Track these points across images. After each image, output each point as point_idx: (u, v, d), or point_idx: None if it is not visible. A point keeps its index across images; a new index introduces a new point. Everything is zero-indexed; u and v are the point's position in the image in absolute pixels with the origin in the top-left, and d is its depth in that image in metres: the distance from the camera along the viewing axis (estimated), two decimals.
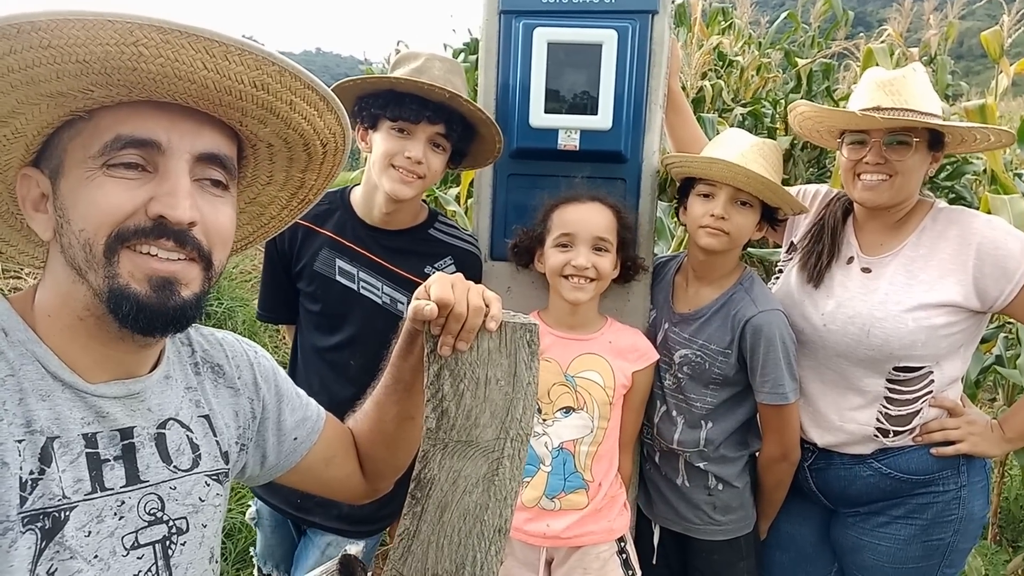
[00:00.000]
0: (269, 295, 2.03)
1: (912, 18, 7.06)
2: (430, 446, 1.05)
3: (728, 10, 7.33)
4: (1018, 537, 3.46)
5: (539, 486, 1.79)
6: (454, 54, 6.72)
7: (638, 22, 1.89)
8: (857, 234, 1.86)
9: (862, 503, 1.83)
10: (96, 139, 0.82)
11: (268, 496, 1.96)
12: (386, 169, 1.73)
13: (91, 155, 0.82)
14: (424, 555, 1.07)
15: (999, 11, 3.84)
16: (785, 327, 1.79)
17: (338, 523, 1.89)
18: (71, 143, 0.83)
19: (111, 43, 0.74)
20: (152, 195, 0.83)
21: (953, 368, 1.75)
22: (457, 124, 1.75)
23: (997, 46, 3.46)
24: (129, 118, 0.82)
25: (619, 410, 1.83)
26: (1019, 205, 2.84)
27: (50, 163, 0.86)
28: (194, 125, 0.86)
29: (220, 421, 1.06)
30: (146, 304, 0.84)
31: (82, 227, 0.82)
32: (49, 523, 0.82)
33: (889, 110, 1.69)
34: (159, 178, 0.83)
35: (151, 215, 0.83)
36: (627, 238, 1.83)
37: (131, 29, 0.74)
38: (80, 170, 0.83)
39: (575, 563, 1.81)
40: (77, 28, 0.72)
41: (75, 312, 0.87)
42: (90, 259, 0.83)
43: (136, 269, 0.83)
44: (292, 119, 0.91)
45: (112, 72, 0.77)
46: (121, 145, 0.82)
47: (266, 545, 2.05)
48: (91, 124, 0.82)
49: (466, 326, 1.01)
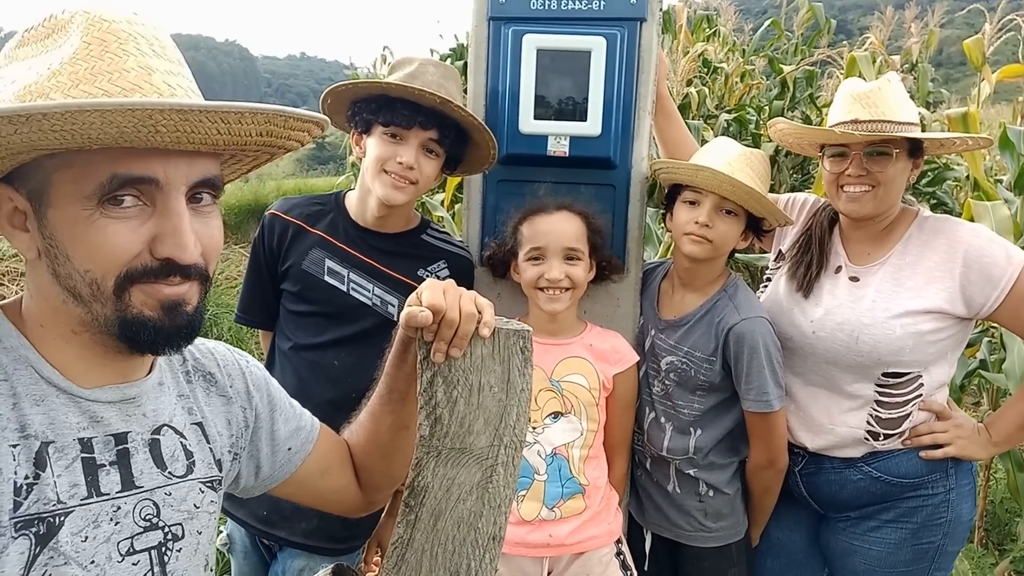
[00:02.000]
0: (250, 297, 1.99)
1: (893, 26, 7.16)
2: (424, 453, 1.05)
3: (713, 17, 7.41)
4: (1004, 540, 3.49)
5: (537, 497, 1.78)
6: (441, 60, 6.73)
7: (626, 29, 1.89)
8: (844, 244, 1.87)
9: (852, 507, 1.84)
10: (90, 177, 0.79)
11: (234, 510, 1.89)
12: (379, 174, 1.73)
13: (87, 194, 0.79)
14: (418, 563, 1.06)
15: (978, 20, 3.89)
16: (769, 334, 1.79)
17: (303, 538, 1.83)
18: (56, 173, 0.80)
19: (128, 126, 0.74)
20: (154, 234, 0.82)
21: (941, 373, 1.77)
22: (450, 130, 1.75)
23: (979, 54, 3.50)
24: (124, 157, 0.79)
25: (604, 412, 1.83)
26: (1001, 211, 2.89)
27: (28, 184, 0.82)
28: (186, 157, 0.84)
29: (213, 429, 1.05)
30: (161, 328, 0.85)
31: (87, 268, 0.81)
32: (44, 528, 0.81)
33: (867, 123, 1.71)
34: (159, 215, 0.83)
35: (158, 256, 0.83)
36: (598, 241, 1.82)
37: (150, 114, 0.73)
38: (75, 207, 0.80)
39: (577, 569, 1.80)
40: (94, 116, 0.71)
41: (68, 326, 0.86)
42: (97, 294, 0.82)
43: (148, 299, 0.84)
44: (287, 144, 0.92)
45: (122, 143, 0.76)
46: (119, 184, 0.80)
47: (239, 573, 2.00)
48: (80, 158, 0.79)
49: (459, 332, 1.00)
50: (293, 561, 1.85)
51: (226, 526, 1.98)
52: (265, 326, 2.01)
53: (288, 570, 1.85)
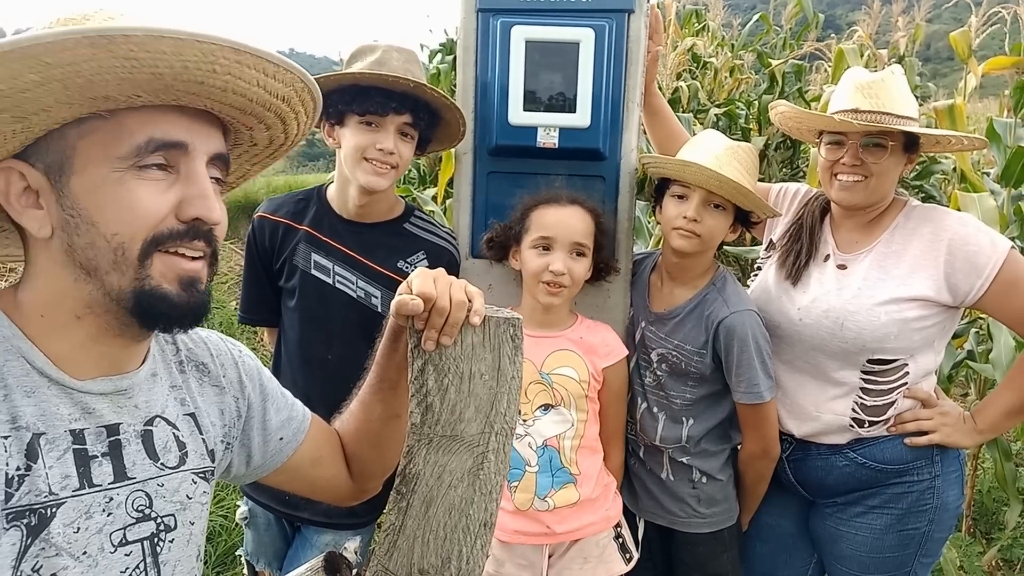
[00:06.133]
0: (250, 296, 2.03)
1: (881, 21, 7.19)
2: (415, 441, 1.05)
3: (701, 12, 7.42)
4: (991, 529, 3.52)
5: (529, 488, 1.79)
6: (431, 54, 6.72)
7: (615, 21, 1.90)
8: (834, 232, 1.89)
9: (839, 493, 1.86)
10: (123, 140, 0.82)
11: (256, 494, 1.96)
12: (359, 163, 1.75)
13: (120, 155, 0.82)
14: (410, 550, 1.07)
15: (965, 14, 3.91)
16: (758, 327, 1.80)
17: (325, 517, 1.89)
18: (82, 140, 0.82)
19: (191, 59, 0.78)
20: (181, 197, 0.86)
21: (927, 361, 1.78)
22: (423, 112, 1.78)
23: (965, 46, 3.53)
24: (156, 120, 0.83)
25: (595, 403, 1.84)
26: (987, 202, 2.91)
27: (46, 157, 0.83)
28: (206, 127, 0.88)
29: (206, 419, 1.05)
30: (177, 303, 0.87)
31: (115, 231, 0.83)
32: (35, 520, 0.81)
33: (867, 113, 1.72)
34: (184, 180, 0.86)
35: (185, 218, 0.86)
36: (603, 242, 1.84)
37: (212, 50, 0.78)
38: (104, 170, 0.82)
39: (575, 553, 1.82)
40: (167, 44, 0.75)
41: (72, 311, 0.86)
42: (119, 261, 0.84)
43: (168, 270, 0.86)
44: (289, 126, 0.96)
45: (178, 84, 0.80)
46: (154, 148, 0.83)
47: (259, 544, 2.04)
48: (112, 124, 0.82)
49: (449, 320, 1.01)
50: (320, 537, 1.92)
51: (244, 500, 2.04)
52: (269, 323, 2.05)
53: (316, 545, 1.91)
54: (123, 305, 0.85)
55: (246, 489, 2.00)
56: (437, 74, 6.07)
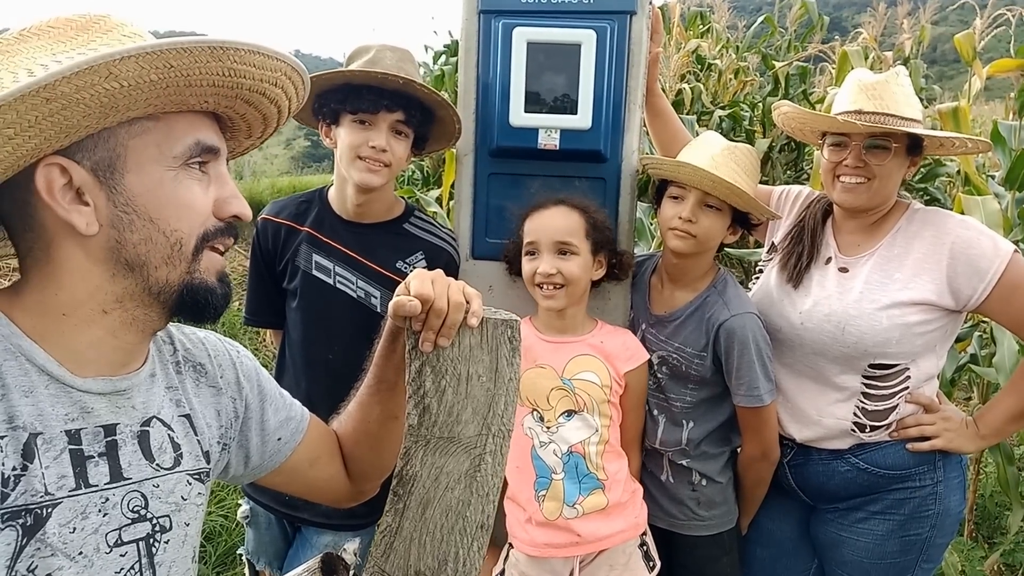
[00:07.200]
0: (255, 298, 2.04)
1: (886, 23, 7.16)
2: (412, 443, 1.05)
3: (706, 14, 7.41)
4: (993, 534, 3.51)
5: (557, 495, 1.77)
6: (435, 56, 6.73)
7: (616, 22, 1.90)
8: (836, 235, 1.88)
9: (840, 498, 1.85)
10: (175, 141, 0.87)
11: (256, 495, 1.97)
12: (353, 161, 1.77)
13: (174, 155, 0.87)
14: (406, 552, 1.07)
15: (971, 16, 3.89)
16: (759, 329, 1.80)
17: (325, 518, 1.89)
18: (133, 140, 0.85)
19: (268, 73, 0.89)
20: (216, 197, 0.92)
21: (929, 365, 1.77)
22: (416, 109, 1.79)
23: (970, 48, 3.51)
24: (197, 125, 0.90)
25: (617, 408, 1.83)
26: (991, 205, 2.90)
27: (95, 154, 0.83)
28: (216, 126, 0.94)
29: (201, 421, 1.05)
30: (221, 295, 0.94)
31: (176, 227, 0.88)
32: (31, 520, 0.81)
33: (870, 114, 1.70)
34: (217, 180, 0.93)
35: (224, 216, 0.92)
36: (601, 237, 1.81)
37: (282, 67, 0.90)
38: (160, 169, 0.87)
39: (601, 561, 1.80)
40: (260, 58, 0.86)
41: (100, 306, 0.88)
42: (174, 256, 0.88)
43: (211, 265, 0.93)
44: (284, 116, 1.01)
45: (242, 92, 0.89)
46: (200, 150, 0.89)
47: (259, 543, 2.05)
48: (161, 126, 0.86)
49: (447, 322, 1.01)
50: (320, 538, 1.93)
51: (245, 500, 2.05)
52: (273, 325, 2.06)
53: (316, 546, 1.92)
54: (163, 298, 0.90)
55: (247, 489, 2.01)
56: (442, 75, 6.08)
